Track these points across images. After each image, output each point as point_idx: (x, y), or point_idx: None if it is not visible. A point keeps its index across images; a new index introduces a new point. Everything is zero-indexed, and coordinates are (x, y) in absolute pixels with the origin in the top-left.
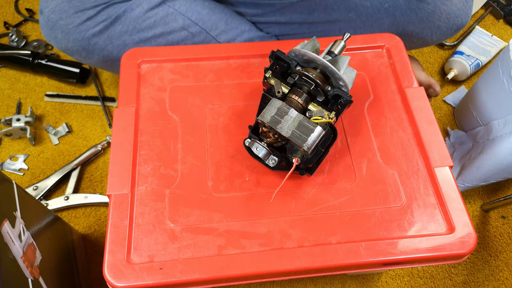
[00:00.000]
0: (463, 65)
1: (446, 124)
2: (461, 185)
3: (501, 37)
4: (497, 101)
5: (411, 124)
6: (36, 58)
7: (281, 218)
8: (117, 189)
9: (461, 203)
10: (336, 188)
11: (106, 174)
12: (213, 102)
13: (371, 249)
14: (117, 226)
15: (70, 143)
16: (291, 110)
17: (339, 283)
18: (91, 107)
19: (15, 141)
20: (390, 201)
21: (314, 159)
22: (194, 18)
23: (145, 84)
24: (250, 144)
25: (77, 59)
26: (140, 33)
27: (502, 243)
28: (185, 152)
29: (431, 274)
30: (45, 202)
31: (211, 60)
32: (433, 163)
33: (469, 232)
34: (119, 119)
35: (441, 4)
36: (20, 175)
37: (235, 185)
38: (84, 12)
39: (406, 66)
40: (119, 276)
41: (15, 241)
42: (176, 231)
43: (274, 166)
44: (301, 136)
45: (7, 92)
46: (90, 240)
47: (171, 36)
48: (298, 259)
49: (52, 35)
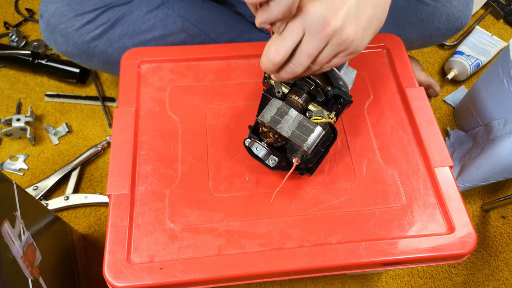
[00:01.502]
0: (463, 65)
1: (446, 124)
2: (461, 185)
3: (501, 37)
4: (497, 101)
5: (411, 124)
6: (36, 58)
7: (281, 218)
8: (117, 189)
9: (461, 203)
10: (336, 188)
11: (106, 174)
12: (213, 102)
13: (371, 249)
14: (117, 226)
15: (70, 143)
16: (291, 110)
17: (339, 283)
18: (91, 107)
19: (15, 141)
20: (390, 201)
21: (314, 159)
22: (193, 20)
23: (145, 84)
24: (250, 144)
25: (78, 62)
26: (140, 35)
27: (502, 243)
28: (185, 152)
29: (431, 274)
30: (45, 202)
31: (211, 60)
32: (433, 163)
33: (469, 232)
34: (119, 119)
35: (441, 5)
36: (20, 175)
37: (235, 185)
38: (83, 16)
39: (406, 66)
40: (119, 276)
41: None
42: (176, 231)
43: (274, 166)
44: (301, 136)
45: (7, 92)
46: (90, 240)
47: (171, 38)
48: (298, 259)
49: (52, 39)
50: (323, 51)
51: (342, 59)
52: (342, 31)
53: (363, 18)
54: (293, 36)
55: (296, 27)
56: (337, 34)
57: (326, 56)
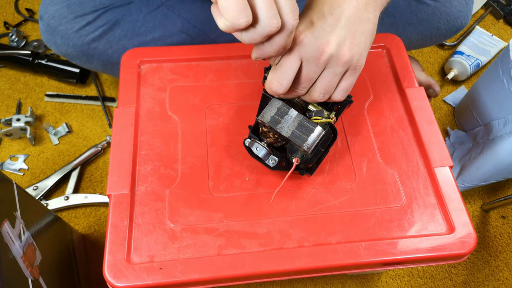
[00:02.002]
0: (463, 65)
1: (446, 124)
2: (461, 185)
3: (501, 37)
4: (497, 101)
5: (411, 124)
6: (36, 58)
7: (281, 218)
8: (117, 189)
9: (461, 203)
10: (336, 188)
11: (106, 174)
12: (213, 102)
13: (371, 249)
14: (117, 226)
15: (70, 143)
16: (291, 110)
17: (339, 283)
18: (91, 107)
19: (15, 141)
20: (390, 201)
21: (314, 159)
22: (193, 21)
23: (145, 84)
24: (250, 144)
25: (78, 63)
26: (139, 36)
27: (502, 243)
28: (185, 152)
29: (431, 274)
30: (45, 202)
31: (211, 60)
32: (433, 163)
33: (469, 232)
34: (119, 119)
35: (440, 5)
36: (20, 175)
37: (235, 185)
38: (83, 17)
39: (406, 66)
40: (119, 276)
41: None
42: (176, 231)
43: (274, 166)
44: (301, 136)
45: (7, 92)
46: (90, 240)
47: (170, 39)
48: (298, 259)
49: (52, 40)
50: (326, 76)
51: (349, 80)
52: (338, 53)
53: (356, 34)
54: (292, 67)
55: (294, 59)
56: (333, 58)
57: (329, 80)
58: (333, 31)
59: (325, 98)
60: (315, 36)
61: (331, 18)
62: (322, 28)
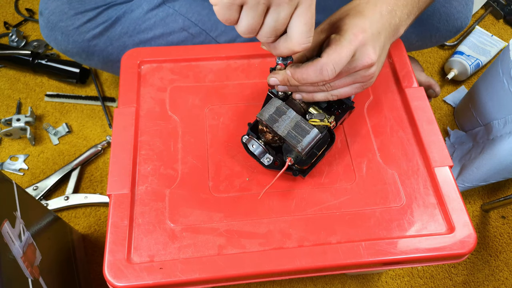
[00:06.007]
0: (463, 65)
1: (446, 124)
2: (461, 185)
3: (501, 37)
4: (497, 101)
5: (411, 124)
6: (36, 58)
7: (281, 218)
8: (117, 189)
9: (461, 203)
10: (336, 188)
11: (106, 174)
12: (213, 102)
13: (371, 249)
14: (117, 226)
15: (70, 143)
16: (290, 110)
17: (339, 283)
18: (91, 107)
19: (15, 141)
20: (390, 201)
21: (308, 161)
22: (194, 19)
23: (145, 84)
24: (247, 141)
25: (77, 60)
26: (140, 34)
27: (502, 243)
28: (185, 152)
29: (431, 274)
30: (45, 202)
31: (211, 60)
32: (433, 163)
33: (469, 232)
34: (119, 119)
35: (440, 6)
36: (20, 175)
37: (235, 185)
38: (84, 14)
39: (406, 66)
40: (119, 276)
41: (15, 241)
42: (176, 231)
43: (269, 165)
44: (296, 136)
45: (7, 92)
46: (90, 240)
47: (171, 37)
48: (298, 259)
49: (52, 36)
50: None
51: (355, 90)
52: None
53: (383, 55)
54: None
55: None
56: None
57: (343, 82)
58: (376, 50)
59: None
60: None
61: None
62: (373, 45)
